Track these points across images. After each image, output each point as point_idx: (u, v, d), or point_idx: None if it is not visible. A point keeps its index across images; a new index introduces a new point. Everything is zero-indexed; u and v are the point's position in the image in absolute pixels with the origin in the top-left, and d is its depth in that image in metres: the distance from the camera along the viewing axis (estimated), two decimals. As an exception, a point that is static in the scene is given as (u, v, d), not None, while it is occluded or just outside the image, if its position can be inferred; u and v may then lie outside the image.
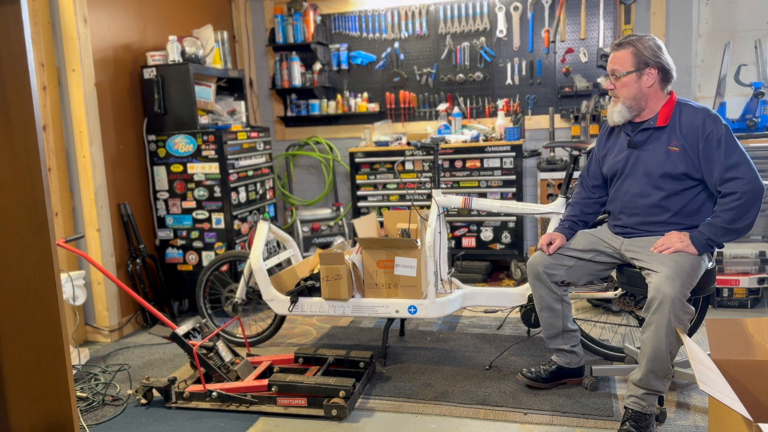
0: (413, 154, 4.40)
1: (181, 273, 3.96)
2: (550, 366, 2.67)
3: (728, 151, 2.22)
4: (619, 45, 2.38)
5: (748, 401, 1.83)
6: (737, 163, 2.21)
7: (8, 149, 1.47)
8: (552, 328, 2.61)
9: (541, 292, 2.58)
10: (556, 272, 2.54)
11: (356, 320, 3.76)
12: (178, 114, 3.82)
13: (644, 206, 2.40)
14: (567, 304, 2.59)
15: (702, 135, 2.27)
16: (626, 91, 2.37)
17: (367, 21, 4.82)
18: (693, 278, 2.20)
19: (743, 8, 4.17)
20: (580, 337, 2.67)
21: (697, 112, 2.31)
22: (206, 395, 2.65)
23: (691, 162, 2.30)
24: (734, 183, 2.21)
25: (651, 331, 2.14)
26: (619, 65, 2.37)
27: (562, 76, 4.49)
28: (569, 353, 2.64)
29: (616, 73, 2.37)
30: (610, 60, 2.41)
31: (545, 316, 2.60)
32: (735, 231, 2.23)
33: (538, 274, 2.56)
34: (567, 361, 2.65)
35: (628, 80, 2.35)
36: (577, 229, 2.64)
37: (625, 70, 2.35)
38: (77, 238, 2.73)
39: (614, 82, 2.39)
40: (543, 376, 2.66)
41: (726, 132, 2.25)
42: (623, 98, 2.38)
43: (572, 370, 2.67)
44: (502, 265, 4.68)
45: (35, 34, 3.25)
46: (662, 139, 2.36)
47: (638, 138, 2.41)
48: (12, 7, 1.42)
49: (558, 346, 2.63)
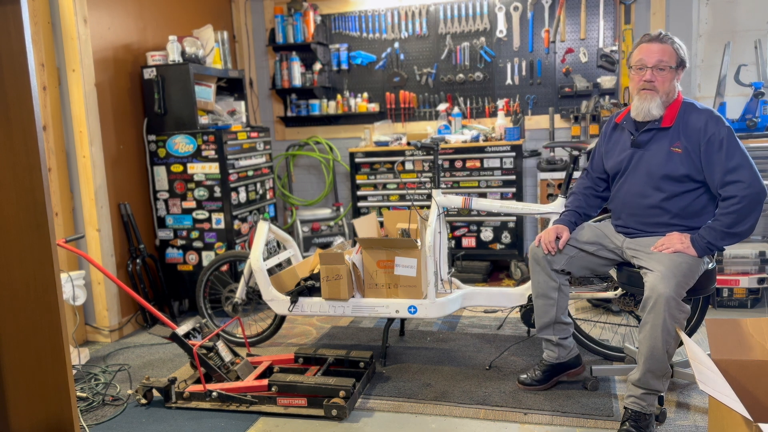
0: (413, 154, 4.40)
1: (181, 273, 3.96)
2: (542, 366, 2.66)
3: (729, 153, 2.21)
4: (660, 38, 2.33)
5: (748, 401, 1.83)
6: (738, 166, 2.20)
7: (8, 149, 1.47)
8: (545, 316, 2.58)
9: (540, 277, 2.56)
10: (557, 259, 2.52)
11: (356, 320, 3.76)
12: (178, 114, 3.82)
13: (643, 207, 2.40)
14: (564, 295, 2.56)
15: (704, 137, 2.26)
16: (666, 85, 2.32)
17: (367, 21, 4.82)
18: (689, 278, 2.19)
19: (743, 8, 4.17)
20: (572, 331, 2.64)
21: (700, 114, 2.30)
22: (206, 395, 2.65)
23: (692, 164, 2.29)
24: (734, 186, 2.20)
25: (647, 330, 2.14)
26: (666, 57, 2.31)
27: (562, 76, 4.49)
28: (556, 346, 2.61)
29: (662, 64, 2.31)
30: (650, 51, 2.32)
31: (540, 303, 2.58)
32: (735, 235, 2.22)
33: (539, 260, 2.55)
34: (556, 356, 2.63)
35: (670, 75, 2.32)
36: (581, 222, 2.62)
37: (671, 63, 2.31)
38: (77, 238, 2.73)
39: (656, 74, 2.31)
40: (538, 378, 2.65)
41: (728, 134, 2.24)
42: (662, 91, 2.32)
43: (566, 363, 2.65)
44: (502, 265, 4.68)
45: (35, 34, 3.25)
46: (666, 139, 2.34)
47: (642, 138, 2.40)
48: (12, 7, 1.42)
49: (546, 336, 2.61)
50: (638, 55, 2.36)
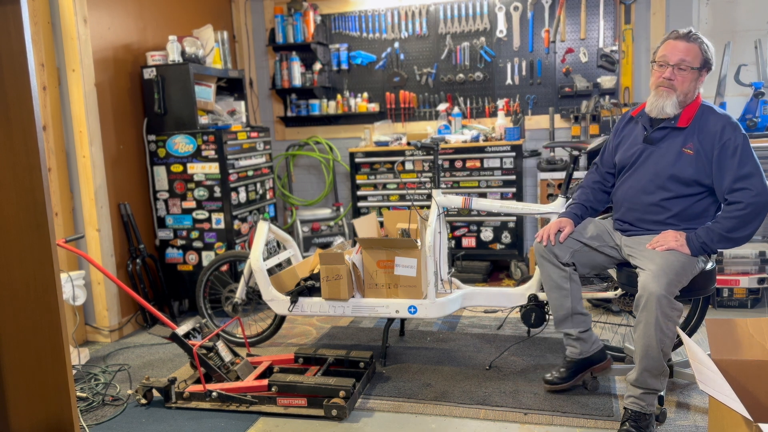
0: (413, 154, 4.40)
1: (181, 273, 3.96)
2: (567, 363, 2.60)
3: (742, 161, 2.21)
4: (687, 37, 2.30)
5: (748, 401, 1.83)
6: (749, 174, 2.20)
7: (8, 149, 1.47)
8: (561, 309, 2.52)
9: (549, 270, 2.52)
10: (561, 253, 2.50)
11: (356, 320, 3.76)
12: (178, 114, 3.82)
13: (644, 203, 2.40)
14: (577, 284, 2.51)
15: (719, 142, 2.25)
16: (686, 85, 2.30)
17: (367, 21, 4.82)
18: (682, 276, 2.19)
19: (743, 8, 4.17)
20: (591, 324, 2.57)
21: (719, 119, 2.28)
22: (206, 395, 2.65)
23: (702, 167, 2.28)
24: (742, 193, 2.19)
25: (641, 329, 2.14)
26: (690, 57, 2.28)
27: (562, 76, 4.49)
28: (577, 341, 2.55)
29: (684, 64, 2.28)
30: (675, 48, 2.29)
31: (554, 296, 2.53)
32: (732, 240, 2.22)
33: (544, 253, 2.52)
34: (578, 351, 2.56)
35: (691, 75, 2.30)
36: (587, 216, 2.60)
37: (693, 63, 2.29)
38: (77, 238, 2.73)
39: (677, 73, 2.29)
40: (564, 376, 2.59)
41: (744, 142, 2.23)
42: (680, 91, 2.30)
43: (590, 358, 2.57)
44: (502, 265, 4.68)
45: (35, 34, 3.25)
46: (679, 140, 2.33)
47: (655, 135, 2.38)
48: (12, 7, 1.42)
49: (566, 329, 2.55)
50: (663, 51, 2.34)
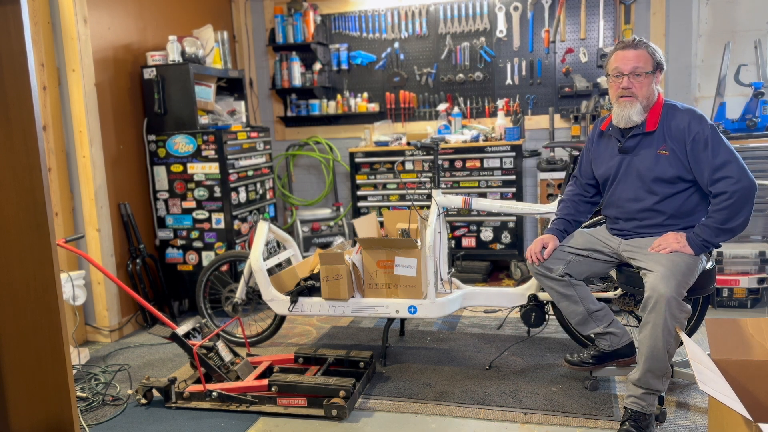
0: (413, 154, 4.40)
1: (181, 273, 3.96)
2: (595, 350, 2.58)
3: (715, 150, 2.23)
4: (635, 44, 2.35)
5: (748, 401, 1.83)
6: (725, 162, 2.21)
7: (8, 149, 1.47)
8: (576, 315, 2.52)
9: (548, 283, 2.54)
10: (554, 266, 2.51)
11: (356, 320, 3.76)
12: (178, 114, 3.82)
13: (638, 211, 2.41)
14: (580, 286, 2.52)
15: (689, 137, 2.28)
16: (644, 90, 2.34)
17: (367, 21, 4.82)
18: (689, 277, 2.20)
19: (743, 8, 4.17)
20: (612, 316, 2.55)
21: (683, 115, 2.32)
22: (206, 395, 2.65)
23: (681, 164, 2.31)
24: (724, 182, 2.21)
25: (648, 330, 2.14)
26: (642, 63, 2.33)
27: (562, 76, 4.49)
28: (606, 335, 2.52)
29: (638, 71, 2.33)
30: (625, 58, 2.35)
31: (564, 305, 2.54)
32: (729, 231, 2.23)
33: (538, 271, 2.55)
34: (608, 344, 2.54)
35: (647, 80, 2.34)
36: (571, 230, 2.62)
37: (646, 68, 2.34)
38: (77, 238, 2.73)
39: (633, 81, 2.34)
40: (587, 360, 2.58)
41: (712, 132, 2.25)
42: (641, 97, 2.34)
43: (617, 351, 2.54)
44: (502, 265, 4.68)
45: (35, 34, 3.25)
46: (652, 143, 2.36)
47: (629, 144, 2.42)
48: (12, 7, 1.42)
49: (592, 330, 2.53)
50: (614, 63, 2.39)
